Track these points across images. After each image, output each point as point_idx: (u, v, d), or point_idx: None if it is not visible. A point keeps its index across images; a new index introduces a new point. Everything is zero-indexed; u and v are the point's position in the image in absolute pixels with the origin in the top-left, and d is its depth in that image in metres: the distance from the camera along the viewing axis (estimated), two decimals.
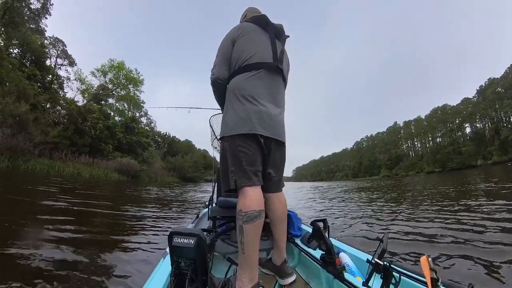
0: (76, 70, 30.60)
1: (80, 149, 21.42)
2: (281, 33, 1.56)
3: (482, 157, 65.90)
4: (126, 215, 4.89)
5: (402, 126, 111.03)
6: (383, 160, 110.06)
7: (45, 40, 27.59)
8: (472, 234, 3.04)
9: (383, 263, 0.94)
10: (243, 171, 1.23)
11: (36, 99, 18.04)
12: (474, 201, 5.71)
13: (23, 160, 14.27)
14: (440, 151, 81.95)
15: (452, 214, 4.39)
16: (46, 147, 17.33)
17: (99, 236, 3.12)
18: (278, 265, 1.41)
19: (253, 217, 1.15)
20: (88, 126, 23.31)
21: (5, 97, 14.51)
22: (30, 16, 24.19)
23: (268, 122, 1.31)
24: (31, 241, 2.57)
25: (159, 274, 1.13)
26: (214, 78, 1.46)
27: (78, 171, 17.59)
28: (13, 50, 22.62)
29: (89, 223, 3.80)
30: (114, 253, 2.52)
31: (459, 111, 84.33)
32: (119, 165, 22.99)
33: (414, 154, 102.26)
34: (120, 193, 10.25)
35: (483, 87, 77.10)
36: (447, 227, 3.46)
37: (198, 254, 0.95)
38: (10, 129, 14.13)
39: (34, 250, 2.31)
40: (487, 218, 3.82)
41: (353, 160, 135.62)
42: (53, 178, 12.17)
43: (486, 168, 44.06)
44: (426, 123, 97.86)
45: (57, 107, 24.49)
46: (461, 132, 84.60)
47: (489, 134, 70.80)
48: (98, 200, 6.68)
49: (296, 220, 1.83)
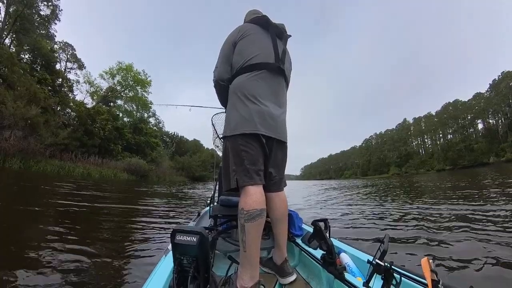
0: (85, 73, 31.23)
1: (89, 150, 21.94)
2: (282, 33, 1.56)
3: (495, 154, 64.06)
4: (130, 212, 4.98)
5: (412, 123, 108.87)
6: (392, 158, 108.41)
7: (55, 45, 28.28)
8: (477, 235, 2.96)
9: (383, 264, 0.94)
10: (245, 170, 1.24)
11: (46, 102, 18.49)
12: (483, 201, 5.57)
13: (35, 161, 14.70)
14: (451, 148, 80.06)
15: (458, 215, 4.28)
16: (57, 148, 17.80)
17: (101, 233, 3.18)
18: (278, 264, 1.41)
19: (255, 215, 1.15)
20: (97, 127, 23.84)
21: (17, 101, 14.92)
22: (40, 22, 24.86)
23: (270, 122, 1.32)
24: (40, 237, 2.64)
25: (161, 271, 1.14)
26: (216, 80, 1.50)
27: (88, 172, 18.00)
28: (24, 55, 23.27)
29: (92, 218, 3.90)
30: (115, 250, 2.56)
31: (471, 106, 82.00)
32: (128, 165, 23.48)
33: (424, 152, 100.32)
34: (129, 192, 10.41)
35: (496, 81, 74.59)
36: (450, 228, 3.37)
37: (200, 252, 0.96)
38: (22, 132, 14.55)
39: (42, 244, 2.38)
40: (494, 220, 3.70)
41: (362, 158, 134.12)
42: (64, 178, 12.49)
43: (499, 166, 42.86)
44: (436, 119, 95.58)
45: (67, 110, 25.11)
46: (473, 128, 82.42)
47: (502, 130, 68.85)
48: (105, 198, 6.81)
49: (297, 220, 1.83)
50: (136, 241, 2.94)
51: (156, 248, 2.67)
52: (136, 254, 2.46)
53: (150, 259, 2.29)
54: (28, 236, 2.82)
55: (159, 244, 2.83)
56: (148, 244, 2.83)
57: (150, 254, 2.46)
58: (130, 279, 1.89)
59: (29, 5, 22.11)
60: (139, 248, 2.68)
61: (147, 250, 2.62)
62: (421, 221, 3.98)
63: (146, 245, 2.79)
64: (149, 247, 2.71)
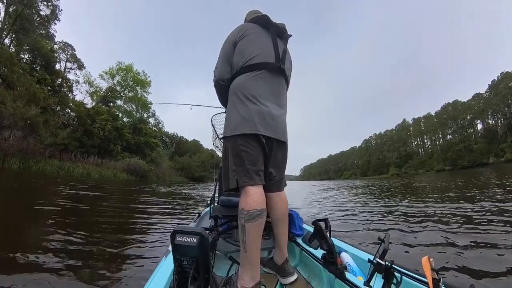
0: (85, 73, 31.19)
1: (89, 150, 21.89)
2: (283, 33, 1.55)
3: (494, 154, 64.12)
4: (130, 213, 4.97)
5: (412, 124, 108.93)
6: (392, 158, 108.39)
7: (54, 45, 28.23)
8: (476, 235, 2.95)
9: (384, 263, 0.94)
10: (245, 170, 1.24)
11: (46, 102, 18.44)
12: (484, 200, 5.57)
13: (34, 161, 14.64)
14: (450, 149, 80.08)
15: (458, 214, 4.27)
16: (56, 148, 17.74)
17: (100, 234, 3.16)
18: (279, 264, 1.41)
19: (255, 216, 1.15)
20: (96, 127, 23.81)
21: (16, 101, 14.88)
22: (39, 22, 24.85)
23: (270, 122, 1.32)
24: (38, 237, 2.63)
25: (161, 272, 1.14)
26: (216, 80, 1.49)
27: (87, 172, 17.95)
28: (24, 55, 23.23)
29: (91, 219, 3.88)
30: (115, 251, 2.55)
31: (470, 107, 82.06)
32: (127, 166, 23.46)
33: (424, 152, 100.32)
34: (128, 192, 10.40)
35: (496, 82, 74.72)
36: (451, 228, 3.37)
37: (201, 253, 0.96)
38: (21, 132, 14.52)
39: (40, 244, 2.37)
40: (495, 218, 3.70)
41: (362, 159, 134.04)
42: (63, 178, 12.46)
43: (499, 166, 42.89)
44: (436, 120, 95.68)
45: (67, 110, 25.06)
46: (472, 129, 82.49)
47: (501, 131, 68.89)
48: (105, 198, 6.80)
49: (297, 220, 1.83)
50: (136, 242, 2.92)
51: (157, 249, 2.66)
52: (137, 255, 2.45)
53: (150, 260, 2.28)
54: (27, 236, 2.81)
55: (160, 245, 2.82)
56: (148, 245, 2.81)
57: (150, 255, 2.45)
58: (131, 280, 1.88)
59: (29, 5, 22.09)
60: (140, 249, 2.67)
61: (147, 251, 2.60)
62: (423, 220, 3.98)
63: (147, 246, 2.77)
64: (149, 248, 2.70)
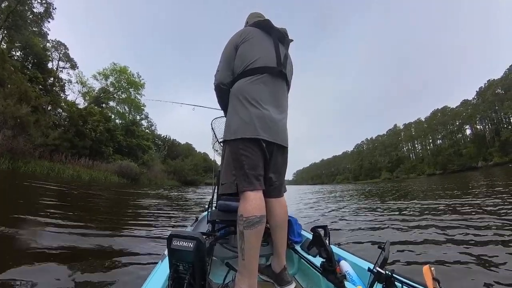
0: (78, 73, 30.77)
1: (80, 152, 21.44)
2: (284, 37, 1.56)
3: (483, 158, 65.78)
4: (124, 216, 4.88)
5: (402, 129, 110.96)
6: (383, 163, 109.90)
7: (47, 43, 27.78)
8: (477, 241, 2.95)
9: (384, 272, 0.93)
10: (245, 175, 1.22)
11: (37, 102, 18.06)
12: (479, 204, 5.62)
13: (24, 162, 14.27)
14: (440, 153, 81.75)
15: (457, 220, 4.26)
16: (47, 149, 17.34)
17: (95, 237, 3.08)
18: (277, 272, 1.38)
19: (254, 222, 1.13)
20: (88, 128, 23.36)
21: (7, 99, 14.55)
22: (33, 20, 24.44)
23: (271, 126, 1.31)
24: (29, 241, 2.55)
25: (156, 277, 1.11)
26: (217, 84, 1.47)
27: (78, 174, 17.58)
28: (15, 52, 22.81)
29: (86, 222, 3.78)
30: (109, 255, 2.50)
31: (459, 113, 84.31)
32: (119, 168, 23.01)
33: (415, 157, 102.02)
34: (120, 194, 10.23)
35: (483, 89, 77.24)
36: (451, 235, 3.36)
37: (197, 258, 0.93)
38: (11, 131, 14.15)
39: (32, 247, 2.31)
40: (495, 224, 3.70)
41: (354, 163, 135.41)
42: (53, 180, 12.16)
43: (487, 170, 43.82)
44: (426, 125, 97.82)
45: (58, 110, 24.61)
46: (461, 134, 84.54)
47: (489, 136, 70.72)
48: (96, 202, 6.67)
49: (296, 226, 1.81)
50: (131, 246, 2.86)
51: (153, 253, 2.60)
52: (132, 260, 2.39)
53: (146, 266, 2.23)
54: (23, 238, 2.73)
55: (156, 249, 2.76)
56: (144, 249, 2.75)
57: (146, 260, 2.40)
58: (126, 285, 1.84)
59: (22, 2, 21.71)
60: (135, 253, 2.62)
61: (143, 255, 2.55)
62: (423, 227, 3.94)
63: (142, 250, 2.71)
64: (145, 252, 2.64)
